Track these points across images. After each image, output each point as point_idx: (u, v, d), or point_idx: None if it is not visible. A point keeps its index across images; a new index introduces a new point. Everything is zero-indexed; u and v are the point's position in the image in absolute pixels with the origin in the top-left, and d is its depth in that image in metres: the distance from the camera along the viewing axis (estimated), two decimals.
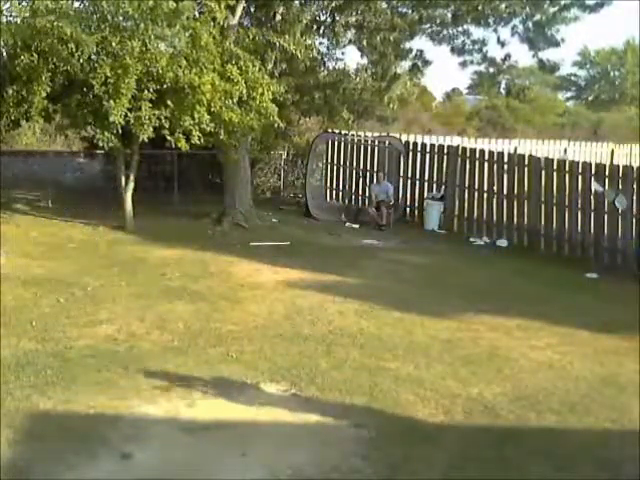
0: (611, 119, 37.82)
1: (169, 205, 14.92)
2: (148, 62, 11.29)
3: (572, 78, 56.41)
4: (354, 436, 5.18)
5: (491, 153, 14.08)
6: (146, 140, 11.88)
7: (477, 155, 14.18)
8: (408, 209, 15.55)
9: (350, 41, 16.27)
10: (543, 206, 12.79)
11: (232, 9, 13.00)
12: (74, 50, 10.92)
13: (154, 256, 10.73)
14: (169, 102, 11.64)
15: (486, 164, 13.87)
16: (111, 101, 11.06)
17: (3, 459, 4.58)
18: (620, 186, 11.73)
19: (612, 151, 21.92)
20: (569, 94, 57.03)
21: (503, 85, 44.32)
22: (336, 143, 16.88)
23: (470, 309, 8.52)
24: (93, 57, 11.47)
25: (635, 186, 11.52)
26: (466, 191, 14.28)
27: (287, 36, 13.44)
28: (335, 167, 16.97)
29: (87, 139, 16.40)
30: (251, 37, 13.26)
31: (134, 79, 11.14)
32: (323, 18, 15.46)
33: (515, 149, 17.15)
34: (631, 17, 73.27)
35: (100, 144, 11.95)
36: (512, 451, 5.04)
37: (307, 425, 5.38)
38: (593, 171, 12.21)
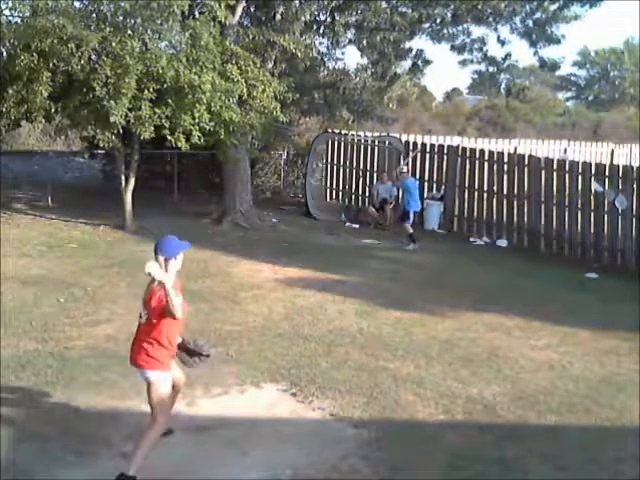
0: (611, 119, 37.84)
1: (169, 205, 14.92)
2: (148, 62, 11.30)
3: (572, 78, 56.50)
4: (354, 436, 5.18)
5: (491, 153, 14.08)
6: (147, 138, 11.88)
7: (477, 155, 14.17)
8: None
9: (350, 41, 16.28)
10: (543, 206, 12.79)
11: (232, 9, 13.01)
12: (74, 50, 10.93)
13: None
14: (169, 101, 11.65)
15: (486, 164, 13.87)
16: (112, 101, 11.06)
17: (3, 459, 4.58)
18: (620, 186, 11.73)
19: (612, 151, 21.93)
20: (569, 94, 57.13)
21: (503, 85, 44.37)
22: (336, 143, 16.88)
23: (470, 309, 8.52)
24: (93, 57, 11.48)
25: (635, 186, 11.52)
26: (466, 191, 14.28)
27: (287, 35, 13.45)
28: (335, 167, 16.96)
29: (87, 139, 16.41)
30: (251, 37, 13.28)
31: (134, 79, 11.14)
32: (323, 18, 15.47)
33: (515, 149, 17.16)
34: (631, 17, 73.33)
35: (101, 144, 11.97)
36: (512, 451, 5.04)
37: (307, 425, 5.38)
38: (593, 171, 12.21)
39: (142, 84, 11.41)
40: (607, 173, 12.07)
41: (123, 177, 12.97)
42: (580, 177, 12.34)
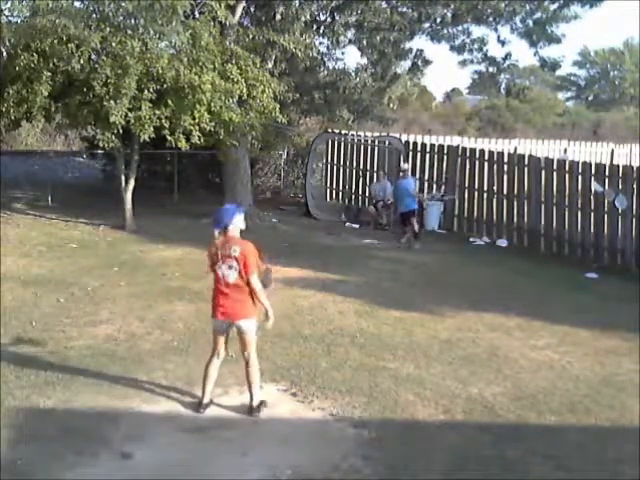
0: (611, 119, 37.89)
1: (169, 205, 14.92)
2: (148, 62, 11.30)
3: (572, 78, 56.50)
4: (354, 436, 5.18)
5: (491, 153, 14.07)
6: (147, 139, 11.88)
7: (477, 155, 14.17)
8: None
9: (350, 41, 16.30)
10: (543, 206, 12.79)
11: (232, 9, 13.02)
12: (74, 50, 10.94)
13: (154, 256, 10.73)
14: (169, 102, 11.65)
15: (486, 164, 13.87)
16: (112, 101, 11.07)
17: (3, 459, 4.58)
18: (620, 186, 11.73)
19: (612, 151, 21.94)
20: (569, 94, 57.15)
21: (503, 85, 44.32)
22: (336, 143, 16.87)
23: (470, 309, 8.51)
24: (93, 57, 11.49)
25: (635, 186, 11.51)
26: (466, 191, 14.28)
27: (287, 35, 13.45)
28: (335, 167, 16.96)
29: (87, 139, 16.43)
30: (251, 37, 13.28)
31: (134, 79, 11.14)
32: (323, 18, 15.49)
33: (515, 149, 17.16)
34: (631, 17, 73.39)
35: (101, 144, 11.96)
36: (512, 451, 5.04)
37: (307, 425, 5.38)
38: (593, 171, 12.20)
39: (142, 84, 11.42)
40: (607, 173, 12.06)
41: (123, 177, 12.97)
42: (580, 177, 12.33)
